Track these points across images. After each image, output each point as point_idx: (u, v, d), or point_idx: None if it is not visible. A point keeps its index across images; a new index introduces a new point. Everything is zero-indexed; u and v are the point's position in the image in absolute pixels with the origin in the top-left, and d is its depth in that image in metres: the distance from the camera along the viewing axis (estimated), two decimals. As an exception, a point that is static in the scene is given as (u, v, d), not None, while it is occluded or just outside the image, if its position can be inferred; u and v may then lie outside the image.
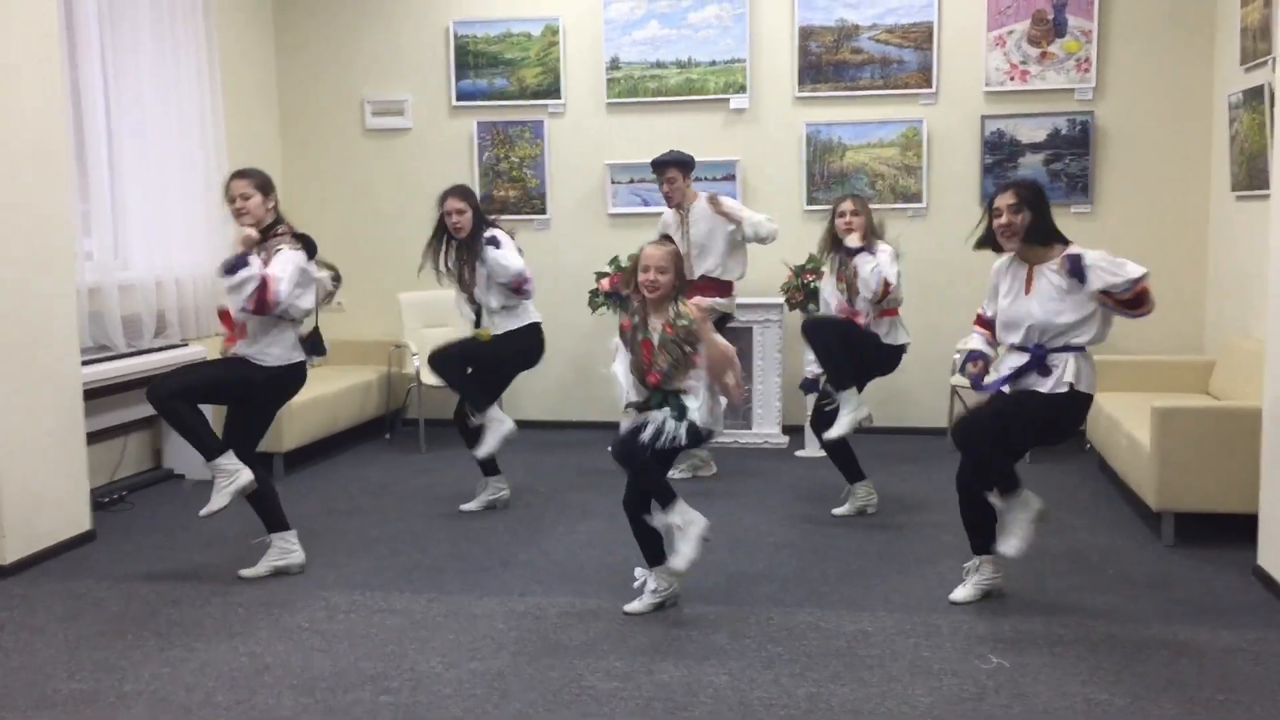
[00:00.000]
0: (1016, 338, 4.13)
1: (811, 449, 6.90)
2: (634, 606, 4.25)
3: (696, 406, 4.09)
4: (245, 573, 4.73)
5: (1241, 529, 4.82)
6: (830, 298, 5.56)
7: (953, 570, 4.55)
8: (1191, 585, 4.47)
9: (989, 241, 4.20)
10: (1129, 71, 6.99)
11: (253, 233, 4.52)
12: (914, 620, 4.13)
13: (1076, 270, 3.97)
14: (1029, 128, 7.10)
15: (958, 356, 4.40)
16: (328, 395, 6.89)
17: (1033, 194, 4.10)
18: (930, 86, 7.17)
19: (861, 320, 5.41)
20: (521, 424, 6.00)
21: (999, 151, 7.14)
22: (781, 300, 6.88)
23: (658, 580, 4.28)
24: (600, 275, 7.06)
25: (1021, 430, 4.18)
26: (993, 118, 7.13)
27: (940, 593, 4.39)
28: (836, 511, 5.56)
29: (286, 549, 4.76)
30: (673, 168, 6.08)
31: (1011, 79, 7.08)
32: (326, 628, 4.17)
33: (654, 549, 4.28)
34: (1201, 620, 4.10)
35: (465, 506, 5.77)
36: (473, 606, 4.35)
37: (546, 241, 7.63)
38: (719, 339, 4.13)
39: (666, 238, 4.27)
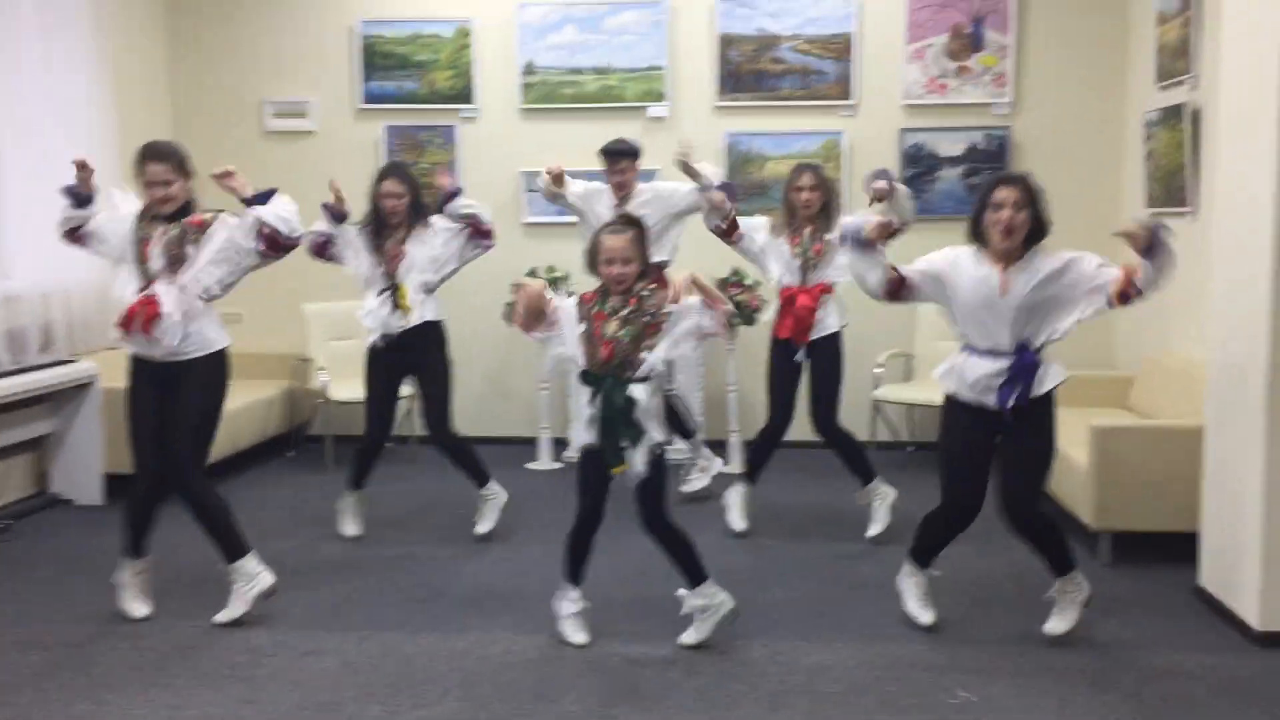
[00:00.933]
0: (989, 341, 3.89)
1: (734, 464, 6.79)
2: (690, 638, 4.03)
3: (646, 396, 3.83)
4: (220, 618, 4.28)
5: (1176, 547, 4.86)
6: (777, 268, 5.31)
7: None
8: (1138, 607, 4.44)
9: (976, 234, 3.89)
10: (1045, 87, 7.05)
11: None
12: (871, 650, 4.01)
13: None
14: (948, 142, 7.10)
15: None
16: (229, 412, 6.44)
17: (1035, 192, 3.85)
18: (850, 98, 7.12)
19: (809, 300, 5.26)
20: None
21: (918, 164, 7.13)
22: (705, 314, 6.73)
23: (706, 598, 4.04)
24: (517, 286, 6.82)
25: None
26: (912, 130, 7.11)
27: (892, 619, 4.28)
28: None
29: (250, 573, 4.34)
30: (627, 158, 5.83)
31: (930, 92, 7.08)
32: (251, 674, 3.86)
33: (692, 565, 4.03)
34: (1155, 644, 4.07)
35: (479, 530, 5.43)
36: (407, 645, 4.09)
37: (458, 251, 7.35)
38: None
39: (626, 220, 4.01)
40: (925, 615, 4.17)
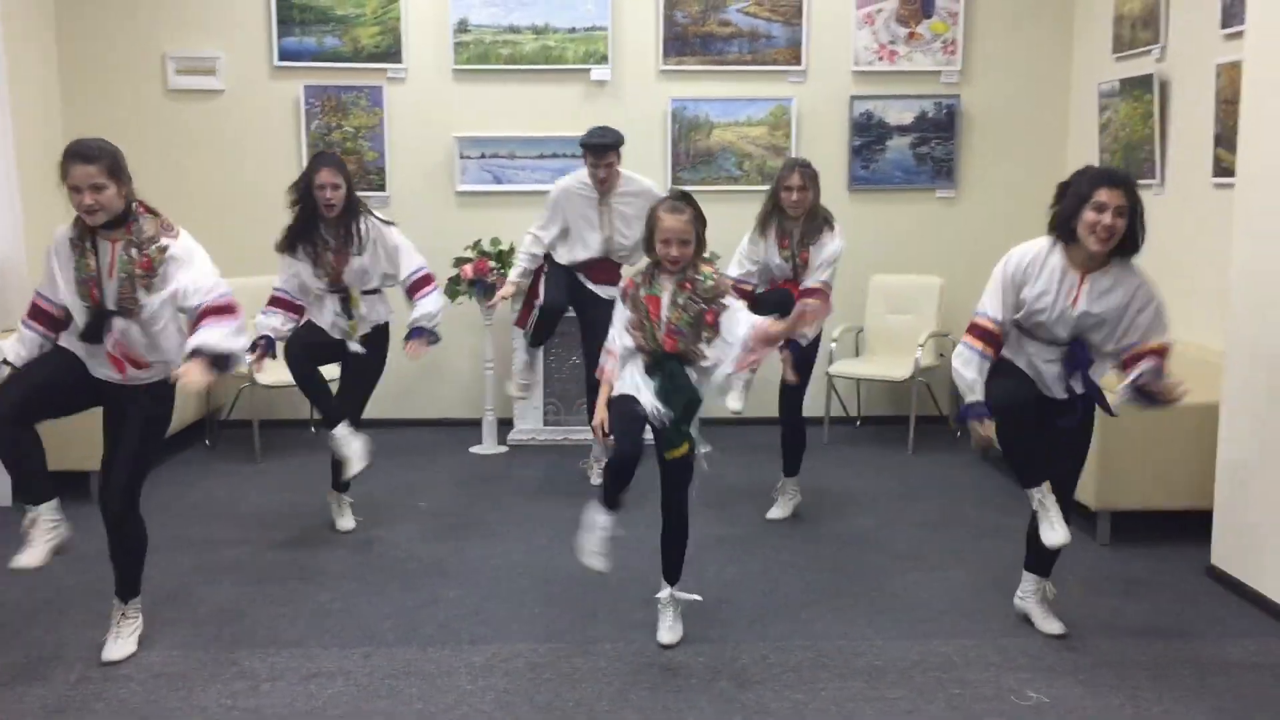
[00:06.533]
0: (1045, 334, 3.71)
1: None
2: (671, 636, 3.87)
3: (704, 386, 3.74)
4: (115, 654, 3.72)
5: (1173, 524, 4.84)
6: (767, 263, 4.98)
7: (919, 584, 4.29)
8: (1162, 590, 4.37)
9: (1064, 231, 3.58)
10: (993, 56, 6.95)
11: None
12: (920, 648, 3.82)
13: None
14: (897, 109, 6.95)
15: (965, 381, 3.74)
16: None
17: (1137, 200, 3.55)
18: (799, 64, 6.89)
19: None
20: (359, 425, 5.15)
21: (867, 133, 6.96)
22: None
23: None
24: (461, 261, 6.41)
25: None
26: (862, 98, 6.93)
27: (921, 611, 4.12)
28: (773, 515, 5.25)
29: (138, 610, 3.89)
30: (613, 151, 5.32)
31: (880, 59, 6.90)
32: (254, 704, 3.44)
33: (680, 560, 3.93)
34: (1192, 630, 3.99)
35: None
36: (423, 661, 3.72)
37: (387, 221, 6.86)
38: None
39: (684, 198, 3.70)
40: (1052, 625, 3.94)
